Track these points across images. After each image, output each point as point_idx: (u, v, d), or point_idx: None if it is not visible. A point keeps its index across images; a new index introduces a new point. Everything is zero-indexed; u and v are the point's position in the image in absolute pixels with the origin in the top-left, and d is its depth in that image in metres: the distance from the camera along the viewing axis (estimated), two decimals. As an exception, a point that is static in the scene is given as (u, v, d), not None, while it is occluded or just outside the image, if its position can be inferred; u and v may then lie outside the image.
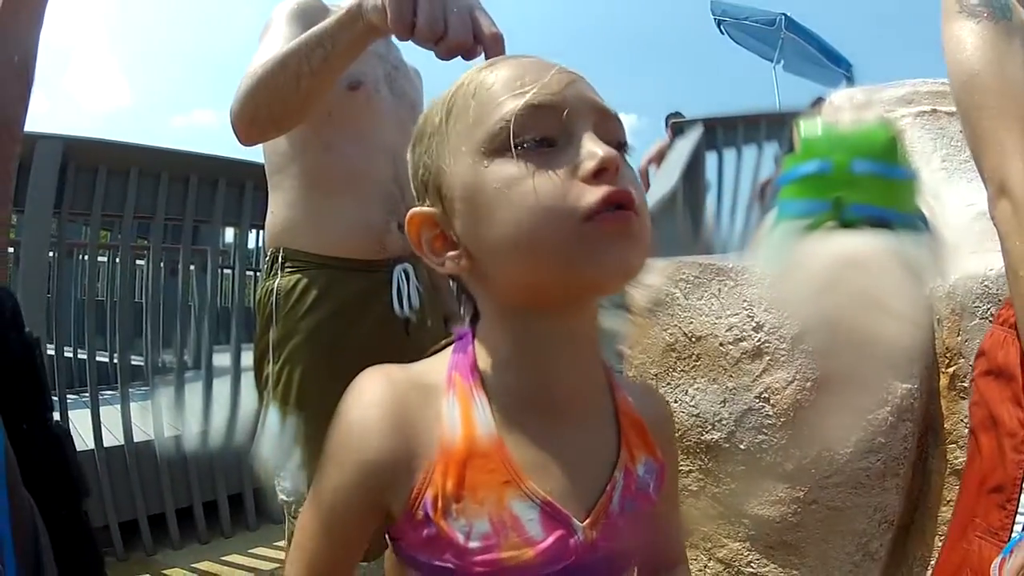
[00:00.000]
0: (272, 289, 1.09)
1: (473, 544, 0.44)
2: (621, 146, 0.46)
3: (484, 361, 0.49)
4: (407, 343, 1.08)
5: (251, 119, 0.92)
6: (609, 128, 0.46)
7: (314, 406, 1.02)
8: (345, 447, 0.46)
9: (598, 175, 0.42)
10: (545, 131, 0.44)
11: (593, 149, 0.43)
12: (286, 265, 1.10)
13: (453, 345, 0.51)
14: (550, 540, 0.45)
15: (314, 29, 0.82)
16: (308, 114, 0.93)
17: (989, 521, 0.88)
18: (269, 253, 1.14)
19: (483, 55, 0.67)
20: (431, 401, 0.47)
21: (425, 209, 0.49)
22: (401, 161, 0.60)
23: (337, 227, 1.09)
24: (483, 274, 0.47)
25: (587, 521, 0.46)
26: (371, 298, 1.09)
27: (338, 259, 1.09)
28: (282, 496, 1.09)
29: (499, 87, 0.45)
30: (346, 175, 1.10)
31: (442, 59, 0.67)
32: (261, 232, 2.25)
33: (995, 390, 0.92)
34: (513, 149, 0.43)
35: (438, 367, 0.49)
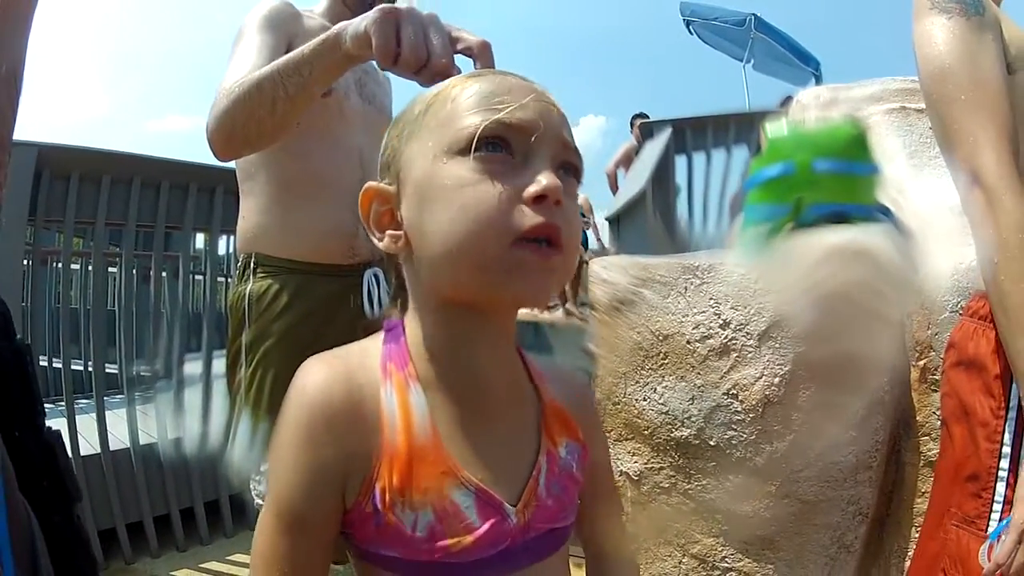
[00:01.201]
0: (244, 294, 1.10)
1: (419, 534, 0.46)
2: (575, 175, 0.50)
3: (415, 352, 0.51)
4: None
5: (227, 139, 0.92)
6: (567, 160, 0.49)
7: None
8: (295, 446, 0.47)
9: (538, 201, 0.44)
10: (508, 147, 0.46)
11: (541, 176, 0.45)
12: (258, 270, 1.10)
13: (383, 335, 0.53)
14: (486, 526, 0.47)
15: (293, 54, 0.82)
16: (283, 134, 0.93)
17: (965, 510, 0.88)
18: (241, 258, 1.15)
19: (473, 62, 0.68)
20: (370, 391, 0.48)
21: (382, 185, 0.52)
22: (371, 165, 0.62)
23: (308, 232, 1.09)
24: (416, 261, 0.49)
25: (518, 505, 0.49)
26: (342, 302, 1.10)
27: (309, 264, 1.09)
28: (258, 500, 1.09)
29: (477, 98, 0.48)
30: (316, 180, 1.10)
31: (425, 86, 0.66)
32: (232, 237, 2.25)
33: (966, 381, 0.92)
34: (472, 153, 0.45)
35: (372, 355, 0.51)
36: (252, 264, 1.10)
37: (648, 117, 3.36)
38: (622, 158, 3.94)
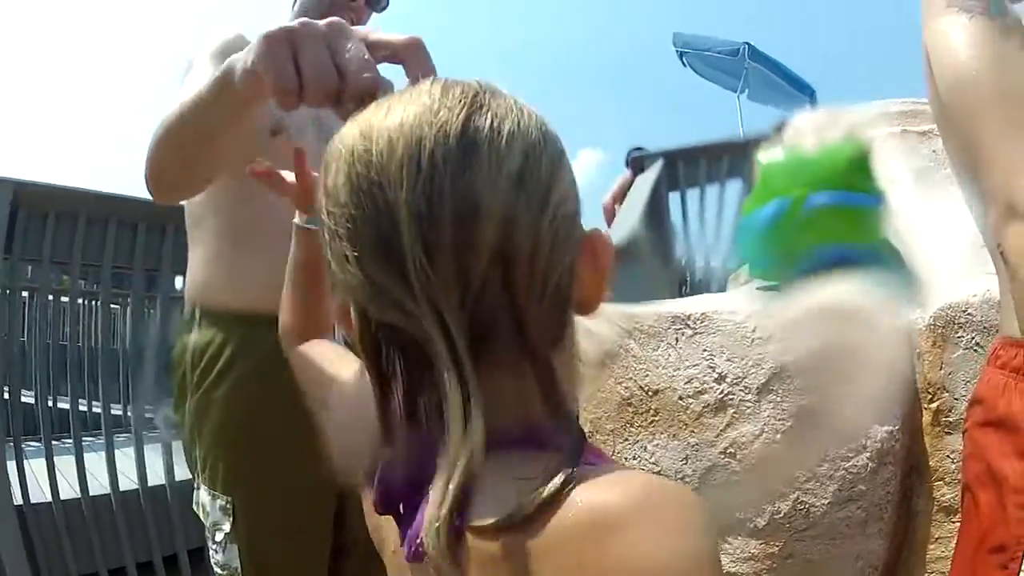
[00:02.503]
0: (187, 346, 1.05)
1: None
2: None
3: None
4: None
5: (157, 178, 0.82)
6: None
7: (242, 489, 1.01)
8: None
9: None
10: None
11: None
12: (202, 322, 1.06)
13: None
14: None
15: (195, 92, 0.68)
16: (214, 175, 0.85)
17: None
18: (187, 311, 1.10)
19: (404, 70, 0.54)
20: None
21: None
22: None
23: (256, 281, 1.02)
24: None
25: None
26: None
27: (257, 314, 1.01)
28: (216, 569, 1.07)
29: None
30: (266, 227, 1.03)
31: (346, 116, 0.48)
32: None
33: (995, 443, 0.80)
34: None
35: None
36: (197, 316, 1.06)
37: (644, 150, 3.26)
38: (618, 192, 3.88)
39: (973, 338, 1.17)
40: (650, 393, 1.07)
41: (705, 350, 1.04)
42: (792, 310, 0.81)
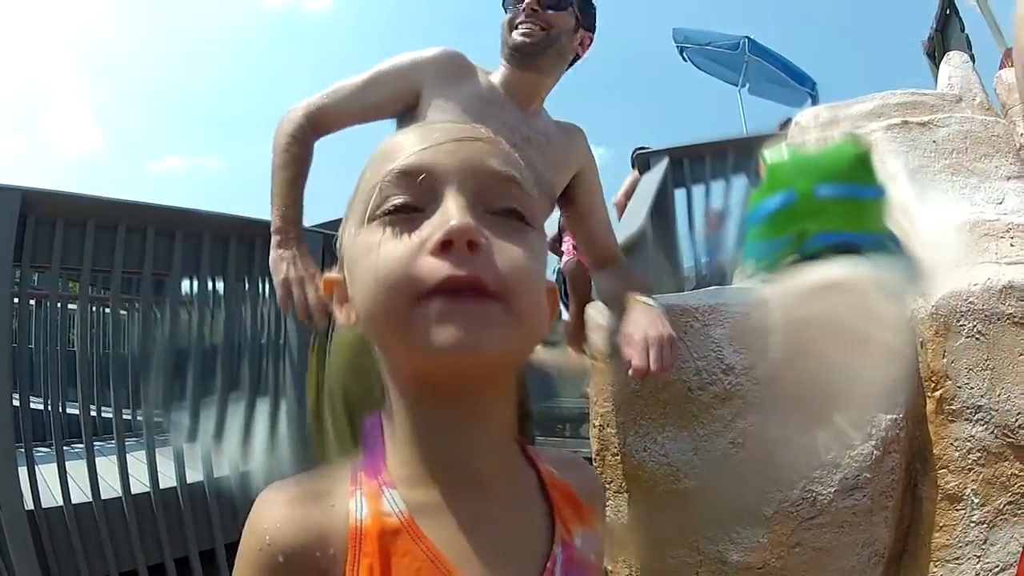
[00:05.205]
0: None
1: None
2: (516, 215, 0.44)
3: (395, 449, 0.46)
4: None
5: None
6: (497, 194, 0.43)
7: None
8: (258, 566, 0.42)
9: (444, 248, 0.39)
10: (409, 197, 0.42)
11: (445, 219, 0.40)
12: None
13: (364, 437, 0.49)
14: None
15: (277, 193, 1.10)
16: None
17: None
18: None
19: None
20: (337, 515, 0.43)
21: (331, 275, 0.49)
22: None
23: None
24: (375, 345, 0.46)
25: None
26: None
27: None
28: None
29: (386, 154, 0.44)
30: None
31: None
32: (218, 282, 2.25)
33: None
34: (371, 217, 0.43)
35: (341, 470, 0.46)
36: None
37: (647, 149, 3.29)
38: (629, 189, 3.90)
39: (975, 326, 1.18)
40: (659, 385, 1.08)
41: (713, 342, 1.06)
42: (797, 283, 0.82)
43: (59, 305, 2.34)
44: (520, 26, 1.16)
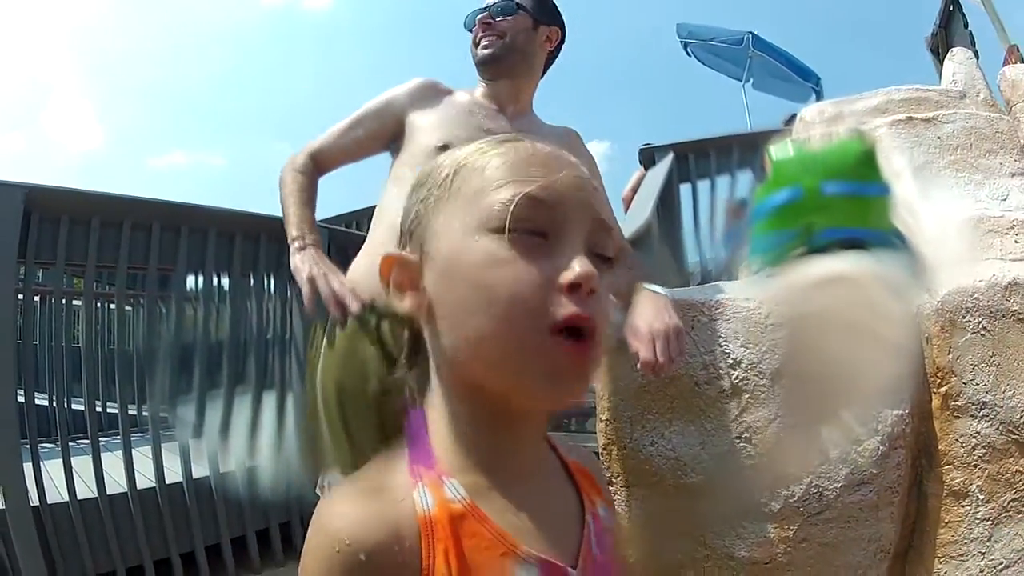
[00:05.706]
0: None
1: None
2: (607, 260, 0.48)
3: (441, 442, 0.49)
4: None
5: None
6: (600, 240, 0.48)
7: None
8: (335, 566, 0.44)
9: (572, 289, 0.43)
10: (540, 225, 0.45)
11: (576, 262, 0.44)
12: None
13: (405, 436, 0.51)
14: None
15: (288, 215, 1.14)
16: None
17: None
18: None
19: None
20: (405, 508, 0.46)
21: (405, 255, 0.51)
22: None
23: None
24: (439, 335, 0.48)
25: (578, 567, 0.49)
26: None
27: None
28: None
29: (508, 169, 0.47)
30: None
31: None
32: (224, 277, 2.26)
33: None
34: (506, 232, 0.44)
35: (398, 467, 0.49)
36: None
37: (651, 145, 3.29)
38: (636, 184, 3.92)
39: (980, 323, 1.18)
40: (666, 379, 1.09)
41: (720, 336, 1.06)
42: (803, 278, 0.83)
43: (64, 301, 2.33)
44: (480, 41, 1.27)
